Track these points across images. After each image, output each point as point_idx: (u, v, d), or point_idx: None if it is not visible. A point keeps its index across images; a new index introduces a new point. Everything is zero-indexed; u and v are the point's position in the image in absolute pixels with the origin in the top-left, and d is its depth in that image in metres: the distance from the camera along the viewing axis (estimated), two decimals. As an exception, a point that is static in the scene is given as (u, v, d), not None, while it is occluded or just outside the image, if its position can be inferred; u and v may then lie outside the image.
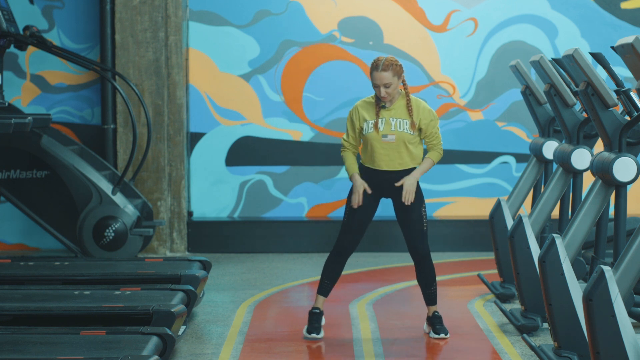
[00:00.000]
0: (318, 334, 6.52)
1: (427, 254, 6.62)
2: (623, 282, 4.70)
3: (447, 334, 6.56)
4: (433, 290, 6.66)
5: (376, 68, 6.43)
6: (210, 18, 10.40)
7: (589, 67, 5.51)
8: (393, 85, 6.45)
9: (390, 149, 6.52)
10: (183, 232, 10.08)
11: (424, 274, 6.65)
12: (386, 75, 6.42)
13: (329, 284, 6.64)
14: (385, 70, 6.43)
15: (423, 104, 6.58)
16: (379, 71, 6.43)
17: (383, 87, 6.43)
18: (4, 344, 5.30)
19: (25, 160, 9.21)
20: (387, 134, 6.50)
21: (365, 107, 6.57)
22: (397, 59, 6.50)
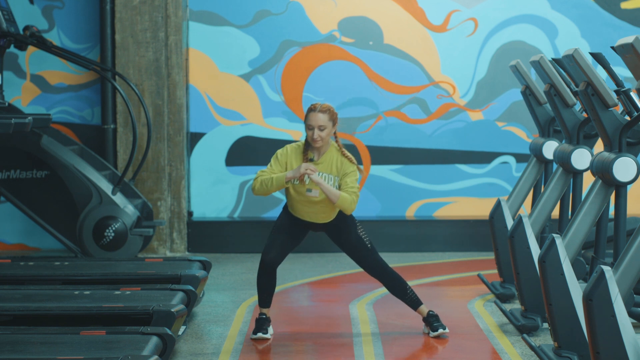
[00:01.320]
0: (265, 334, 6.52)
1: (382, 267, 6.63)
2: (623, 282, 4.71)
3: (445, 329, 6.55)
4: (410, 295, 6.66)
5: (313, 109, 6.37)
6: (210, 18, 10.40)
7: (589, 67, 5.51)
8: (327, 130, 6.37)
9: (314, 203, 6.47)
10: (183, 232, 10.08)
11: (392, 286, 6.66)
12: (322, 117, 6.35)
13: (267, 296, 6.59)
14: (322, 112, 6.37)
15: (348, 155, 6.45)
16: (315, 112, 6.36)
17: (317, 129, 6.34)
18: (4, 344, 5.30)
19: (25, 160, 9.21)
20: (311, 188, 6.43)
21: (294, 154, 6.47)
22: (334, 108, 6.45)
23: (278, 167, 6.44)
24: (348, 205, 6.37)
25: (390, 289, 6.68)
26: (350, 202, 6.36)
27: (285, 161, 6.45)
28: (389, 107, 10.51)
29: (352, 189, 6.39)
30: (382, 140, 10.50)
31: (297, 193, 6.46)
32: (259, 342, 6.47)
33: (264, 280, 6.56)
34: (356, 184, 6.43)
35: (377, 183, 10.51)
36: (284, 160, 6.45)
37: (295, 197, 6.48)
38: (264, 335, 6.50)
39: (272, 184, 6.38)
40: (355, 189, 6.40)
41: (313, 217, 6.53)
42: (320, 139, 6.36)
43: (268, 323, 6.58)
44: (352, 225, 6.57)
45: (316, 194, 6.42)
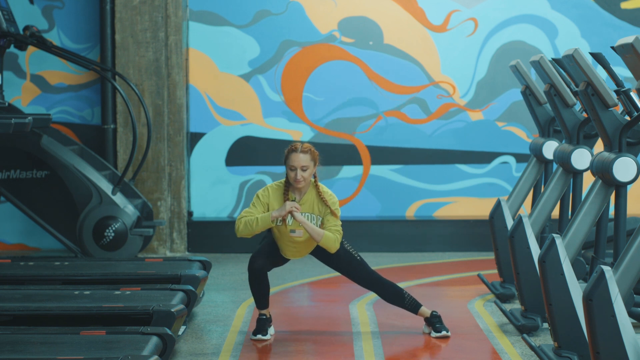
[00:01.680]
0: (265, 335, 6.52)
1: (376, 278, 6.63)
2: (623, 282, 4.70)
3: (448, 332, 6.55)
4: (409, 301, 6.65)
5: (295, 150, 6.36)
6: (210, 18, 10.40)
7: (589, 67, 5.51)
8: (309, 171, 6.38)
9: (299, 243, 6.51)
10: (183, 232, 10.08)
11: (388, 294, 6.66)
12: (304, 158, 6.35)
13: (263, 298, 6.59)
14: (303, 152, 6.36)
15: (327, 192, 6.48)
16: (297, 152, 6.35)
17: (300, 169, 6.34)
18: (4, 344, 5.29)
19: (25, 160, 9.21)
20: (295, 229, 6.45)
21: (275, 194, 6.46)
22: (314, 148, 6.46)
23: (260, 208, 6.44)
24: (332, 244, 6.42)
25: (387, 298, 6.68)
26: (334, 240, 6.41)
27: (267, 202, 6.46)
28: (389, 107, 10.51)
29: (335, 227, 6.43)
30: (382, 140, 10.50)
31: (280, 233, 6.51)
32: (259, 342, 6.47)
33: (256, 286, 6.57)
34: (338, 221, 6.46)
35: (377, 183, 10.51)
36: (266, 202, 6.45)
37: (279, 237, 6.53)
38: (263, 337, 6.50)
39: (257, 224, 6.39)
40: (339, 227, 6.45)
41: (297, 254, 6.60)
42: (302, 179, 6.37)
43: (269, 323, 6.58)
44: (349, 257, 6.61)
45: (300, 234, 6.46)
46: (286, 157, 6.39)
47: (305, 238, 6.48)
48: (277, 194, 6.46)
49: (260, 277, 6.53)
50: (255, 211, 6.42)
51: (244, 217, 6.41)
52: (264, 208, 6.44)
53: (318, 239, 6.39)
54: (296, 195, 6.46)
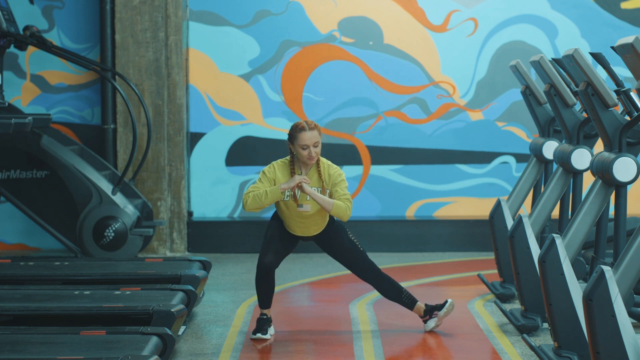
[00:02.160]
0: (265, 334, 6.52)
1: (376, 270, 6.66)
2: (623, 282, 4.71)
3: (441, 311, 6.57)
4: (406, 296, 6.68)
5: (304, 128, 6.36)
6: (210, 18, 10.41)
7: (589, 67, 5.51)
8: (319, 146, 6.40)
9: (306, 217, 6.50)
10: (183, 232, 10.08)
11: (386, 288, 6.68)
12: (316, 135, 6.37)
13: (267, 298, 6.59)
14: (313, 129, 6.38)
15: (332, 166, 6.50)
16: (307, 130, 6.36)
17: (313, 146, 6.37)
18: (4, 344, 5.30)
19: (25, 160, 9.21)
20: (302, 203, 6.46)
21: (281, 170, 6.47)
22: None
23: (267, 184, 6.44)
24: (344, 212, 6.40)
25: (385, 292, 6.69)
26: (345, 208, 6.40)
27: (274, 178, 6.46)
28: (389, 107, 10.51)
29: (345, 196, 6.43)
30: (382, 140, 10.50)
31: (288, 209, 6.50)
32: (259, 342, 6.47)
33: (262, 283, 6.56)
34: (347, 190, 6.47)
35: (377, 183, 10.51)
36: (272, 177, 6.46)
37: (287, 212, 6.51)
38: (262, 335, 6.50)
39: (267, 197, 6.37)
40: (348, 196, 6.45)
41: (305, 230, 6.58)
42: (315, 155, 6.40)
43: (269, 323, 6.58)
44: (342, 230, 6.62)
45: (308, 209, 6.46)
46: (294, 136, 6.39)
47: (313, 212, 6.47)
48: (283, 169, 6.48)
49: (268, 274, 6.53)
50: (262, 186, 6.42)
51: (252, 191, 6.39)
52: (270, 183, 6.44)
53: (329, 208, 6.38)
54: (302, 170, 6.47)
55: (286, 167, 6.48)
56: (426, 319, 6.69)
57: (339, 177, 6.47)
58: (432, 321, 6.67)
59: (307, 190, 6.36)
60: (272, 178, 6.45)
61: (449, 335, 6.61)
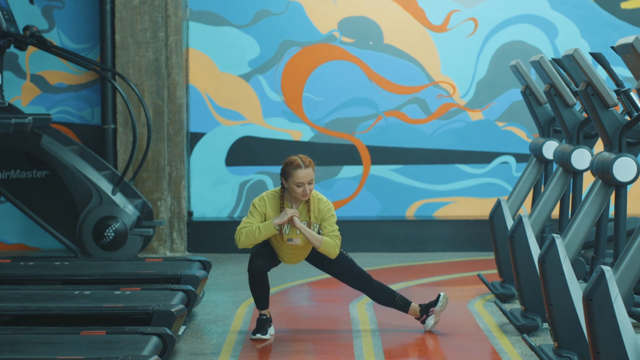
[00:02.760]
0: (264, 335, 6.52)
1: (366, 277, 6.65)
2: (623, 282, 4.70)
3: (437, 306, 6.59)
4: (399, 299, 6.68)
5: (299, 166, 6.33)
6: (210, 18, 10.40)
7: (589, 67, 5.51)
8: (313, 182, 6.40)
9: (296, 249, 6.54)
10: (183, 232, 10.08)
11: (378, 294, 6.68)
12: (310, 172, 6.36)
13: (263, 299, 6.60)
14: (308, 166, 6.36)
15: (322, 201, 6.48)
16: (303, 168, 6.34)
17: (307, 184, 6.36)
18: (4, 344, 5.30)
19: (25, 160, 9.21)
20: (292, 237, 6.48)
21: (271, 204, 6.46)
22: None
23: (258, 218, 6.43)
24: (332, 249, 6.43)
25: (377, 298, 6.70)
26: (333, 246, 6.42)
27: (264, 212, 6.46)
28: (389, 107, 10.51)
29: (334, 232, 6.44)
30: (382, 140, 10.50)
31: (277, 242, 6.54)
32: (259, 342, 6.47)
33: (256, 286, 6.57)
34: (336, 226, 6.47)
35: (377, 183, 10.51)
36: (263, 211, 6.46)
37: (277, 245, 6.56)
38: (262, 336, 6.50)
39: (260, 233, 6.39)
40: (337, 232, 6.46)
41: (294, 259, 6.63)
42: (310, 193, 6.40)
43: (269, 323, 6.58)
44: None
45: (297, 242, 6.49)
46: (288, 173, 6.35)
47: (303, 245, 6.51)
48: (273, 203, 6.47)
49: (260, 277, 6.54)
50: (254, 221, 6.42)
51: (244, 227, 6.40)
52: (261, 217, 6.44)
53: (318, 245, 6.41)
54: (292, 204, 6.47)
55: (276, 200, 6.46)
56: (423, 318, 6.69)
57: (328, 212, 6.46)
58: (431, 318, 6.66)
59: (297, 225, 6.38)
60: (262, 212, 6.44)
61: (448, 335, 6.61)
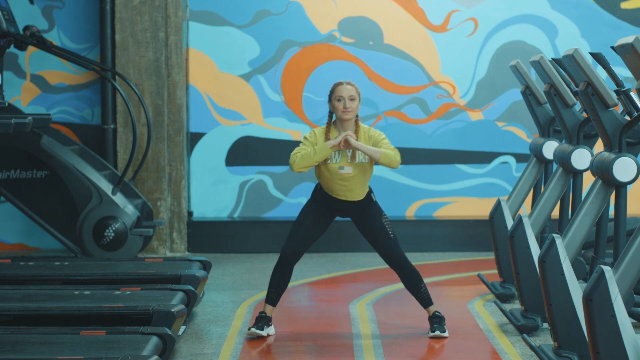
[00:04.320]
0: (260, 330, 6.53)
1: (403, 260, 6.62)
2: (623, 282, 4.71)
3: (442, 332, 6.54)
4: (424, 292, 6.65)
5: (341, 83, 6.50)
6: (210, 18, 10.41)
7: (589, 67, 5.51)
8: (356, 102, 6.49)
9: (347, 180, 6.54)
10: (183, 232, 10.08)
11: (408, 279, 6.64)
12: (351, 88, 6.50)
13: (275, 293, 6.62)
14: (350, 84, 6.51)
15: (371, 129, 6.58)
16: (344, 84, 6.49)
17: (348, 99, 6.46)
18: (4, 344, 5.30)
19: (25, 160, 9.21)
20: (343, 165, 6.51)
21: (322, 136, 6.57)
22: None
23: (310, 147, 6.52)
24: (393, 157, 6.49)
25: (406, 282, 6.66)
26: (394, 155, 6.49)
27: (315, 142, 6.55)
28: (389, 107, 10.51)
29: (390, 146, 6.52)
30: (382, 140, 10.48)
31: (329, 172, 6.53)
32: (258, 342, 6.45)
33: (278, 274, 6.59)
34: (391, 145, 6.54)
35: (377, 183, 10.51)
36: (314, 141, 6.55)
37: (328, 176, 6.55)
38: (257, 330, 6.50)
39: (316, 154, 6.48)
40: (393, 147, 6.53)
41: (348, 194, 6.57)
42: (351, 109, 6.47)
43: (267, 322, 6.57)
44: (377, 213, 6.62)
45: (349, 171, 6.52)
46: (332, 91, 6.51)
47: (355, 174, 6.51)
48: (323, 135, 6.55)
49: (288, 264, 6.58)
50: (308, 147, 6.51)
51: (299, 152, 6.50)
52: (313, 147, 6.51)
53: (378, 157, 6.44)
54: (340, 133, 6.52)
55: (324, 134, 6.56)
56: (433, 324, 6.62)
57: (379, 136, 6.55)
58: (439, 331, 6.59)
59: (353, 144, 6.43)
60: (313, 142, 6.54)
61: (449, 335, 6.60)
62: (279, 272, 6.60)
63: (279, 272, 6.60)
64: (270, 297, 6.61)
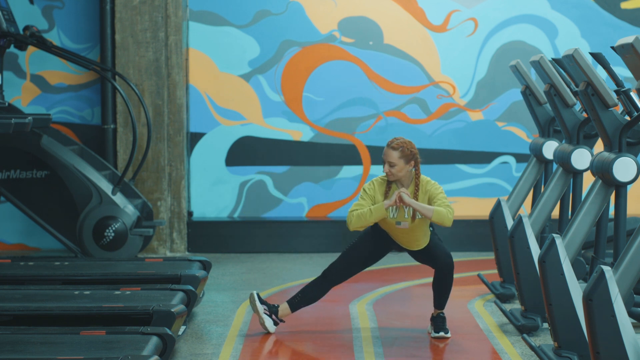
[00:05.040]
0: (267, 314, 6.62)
1: (453, 266, 6.62)
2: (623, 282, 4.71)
3: (447, 333, 6.56)
4: (447, 297, 6.66)
5: (388, 144, 6.45)
6: (210, 18, 10.40)
7: (589, 67, 5.51)
8: (398, 167, 6.42)
9: (406, 233, 6.54)
10: (183, 232, 10.07)
11: (445, 284, 6.62)
12: (393, 154, 6.42)
13: (300, 303, 6.69)
14: (394, 149, 6.43)
15: (430, 181, 6.52)
16: (388, 148, 6.44)
17: (388, 164, 6.43)
18: (4, 344, 5.30)
19: (25, 160, 9.21)
20: (400, 221, 6.51)
21: (379, 188, 6.54)
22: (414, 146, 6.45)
23: (369, 201, 6.50)
24: (445, 216, 6.37)
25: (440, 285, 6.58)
26: (446, 213, 6.37)
27: (373, 195, 6.52)
28: (389, 107, 10.51)
29: (445, 203, 6.42)
30: (382, 140, 10.49)
31: (387, 225, 6.53)
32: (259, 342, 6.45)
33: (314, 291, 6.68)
34: (447, 200, 6.46)
35: (377, 183, 10.50)
36: (372, 194, 6.52)
37: (387, 228, 6.56)
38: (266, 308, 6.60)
39: (372, 215, 6.44)
40: (448, 203, 6.44)
41: (407, 244, 6.59)
42: (391, 174, 6.44)
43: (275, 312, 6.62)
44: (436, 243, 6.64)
45: (405, 226, 6.49)
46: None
47: (411, 227, 6.49)
48: (382, 187, 6.53)
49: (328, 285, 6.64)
50: (365, 204, 6.48)
51: (355, 210, 6.47)
52: (371, 200, 6.51)
53: (429, 215, 6.37)
54: (399, 186, 6.51)
55: (385, 184, 6.53)
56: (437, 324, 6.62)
57: (436, 190, 6.48)
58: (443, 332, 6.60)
59: (406, 201, 6.37)
60: (372, 195, 6.51)
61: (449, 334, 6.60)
62: (316, 290, 6.67)
63: (316, 290, 6.67)
64: (295, 302, 6.69)
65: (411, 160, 6.43)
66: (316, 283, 6.66)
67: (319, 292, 6.68)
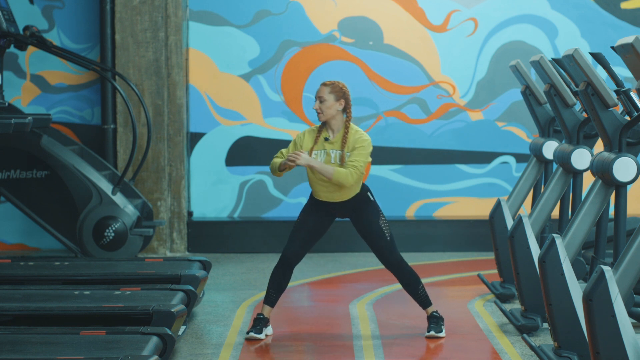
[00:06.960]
0: (258, 334, 6.51)
1: (399, 262, 6.60)
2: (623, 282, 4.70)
3: (438, 333, 6.53)
4: (422, 294, 6.63)
5: (322, 83, 6.53)
6: (210, 18, 10.41)
7: (589, 67, 5.51)
8: (327, 103, 6.44)
9: (326, 182, 6.50)
10: (183, 232, 10.08)
11: (405, 281, 6.63)
12: (324, 89, 6.48)
13: (274, 294, 6.62)
14: (325, 85, 6.50)
15: (359, 131, 6.53)
16: (321, 85, 6.51)
17: (318, 99, 6.47)
18: (4, 344, 5.30)
19: (25, 160, 9.21)
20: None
21: (309, 135, 6.58)
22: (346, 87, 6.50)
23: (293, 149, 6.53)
24: (343, 178, 6.40)
25: (404, 284, 6.65)
26: (345, 174, 6.40)
27: (301, 144, 6.55)
28: (389, 107, 10.51)
29: (352, 162, 6.42)
30: (382, 140, 10.50)
31: (312, 173, 6.53)
32: (255, 342, 6.46)
33: (278, 275, 6.59)
34: (360, 158, 6.45)
35: (377, 183, 10.51)
36: (300, 143, 6.56)
37: (312, 177, 6.56)
38: (256, 334, 6.49)
39: (275, 168, 6.52)
40: (356, 163, 6.42)
41: (329, 196, 6.55)
42: (320, 110, 6.46)
43: (265, 323, 6.56)
44: (374, 214, 6.58)
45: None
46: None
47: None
48: (310, 134, 6.56)
49: (288, 265, 6.58)
50: (286, 153, 6.53)
51: (274, 158, 6.54)
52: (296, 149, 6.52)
53: (329, 176, 6.40)
54: (330, 133, 6.52)
55: (315, 132, 6.57)
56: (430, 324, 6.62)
57: (357, 142, 6.49)
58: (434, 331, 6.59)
59: (301, 163, 6.41)
60: (299, 144, 6.54)
61: (448, 335, 6.61)
62: (279, 273, 6.59)
63: (279, 273, 6.59)
64: (269, 298, 6.60)
65: (341, 99, 6.47)
66: (278, 271, 6.60)
67: (284, 278, 6.60)
